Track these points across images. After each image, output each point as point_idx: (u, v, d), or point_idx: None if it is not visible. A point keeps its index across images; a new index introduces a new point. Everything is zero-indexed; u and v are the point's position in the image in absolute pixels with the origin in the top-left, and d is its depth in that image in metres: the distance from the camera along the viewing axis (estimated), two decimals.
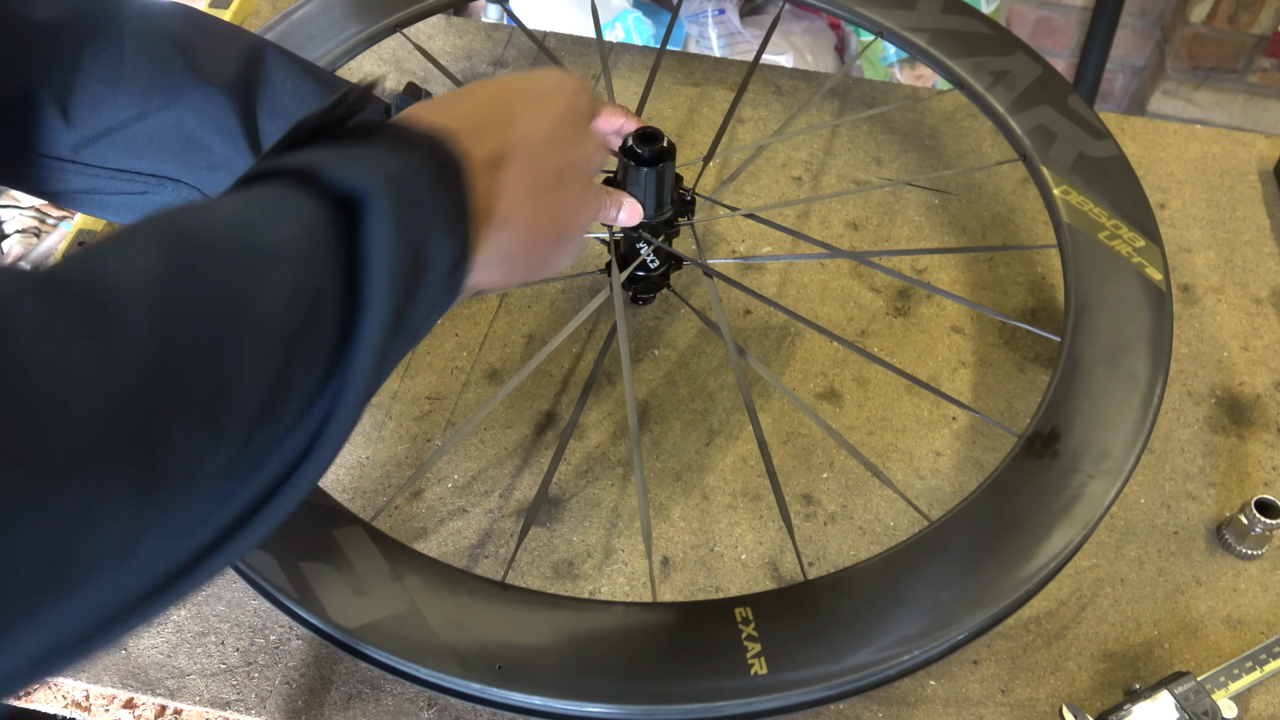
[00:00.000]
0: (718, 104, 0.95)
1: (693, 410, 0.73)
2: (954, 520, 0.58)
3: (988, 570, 0.56)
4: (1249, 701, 0.61)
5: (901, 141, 0.92)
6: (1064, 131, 0.76)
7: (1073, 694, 0.61)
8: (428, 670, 0.52)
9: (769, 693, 0.51)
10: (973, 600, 0.55)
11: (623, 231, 0.67)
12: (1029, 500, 0.58)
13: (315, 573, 0.54)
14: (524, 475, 0.69)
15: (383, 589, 0.54)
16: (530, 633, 0.54)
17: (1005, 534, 0.57)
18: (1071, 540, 0.57)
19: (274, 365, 0.30)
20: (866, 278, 0.81)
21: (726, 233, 0.85)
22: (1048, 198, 0.73)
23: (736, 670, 0.52)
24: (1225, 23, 1.56)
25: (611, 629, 0.54)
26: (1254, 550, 0.66)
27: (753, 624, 0.53)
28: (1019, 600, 0.56)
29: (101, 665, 0.60)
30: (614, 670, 0.52)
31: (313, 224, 0.33)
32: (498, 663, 0.52)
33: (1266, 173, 0.91)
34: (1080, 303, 0.67)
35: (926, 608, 0.54)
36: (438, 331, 0.77)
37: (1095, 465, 0.59)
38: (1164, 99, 1.68)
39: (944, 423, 0.73)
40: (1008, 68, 0.80)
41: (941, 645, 0.54)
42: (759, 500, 0.68)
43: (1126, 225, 0.71)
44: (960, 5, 0.84)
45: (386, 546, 0.56)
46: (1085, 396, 0.62)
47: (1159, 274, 0.68)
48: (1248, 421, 0.74)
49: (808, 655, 0.52)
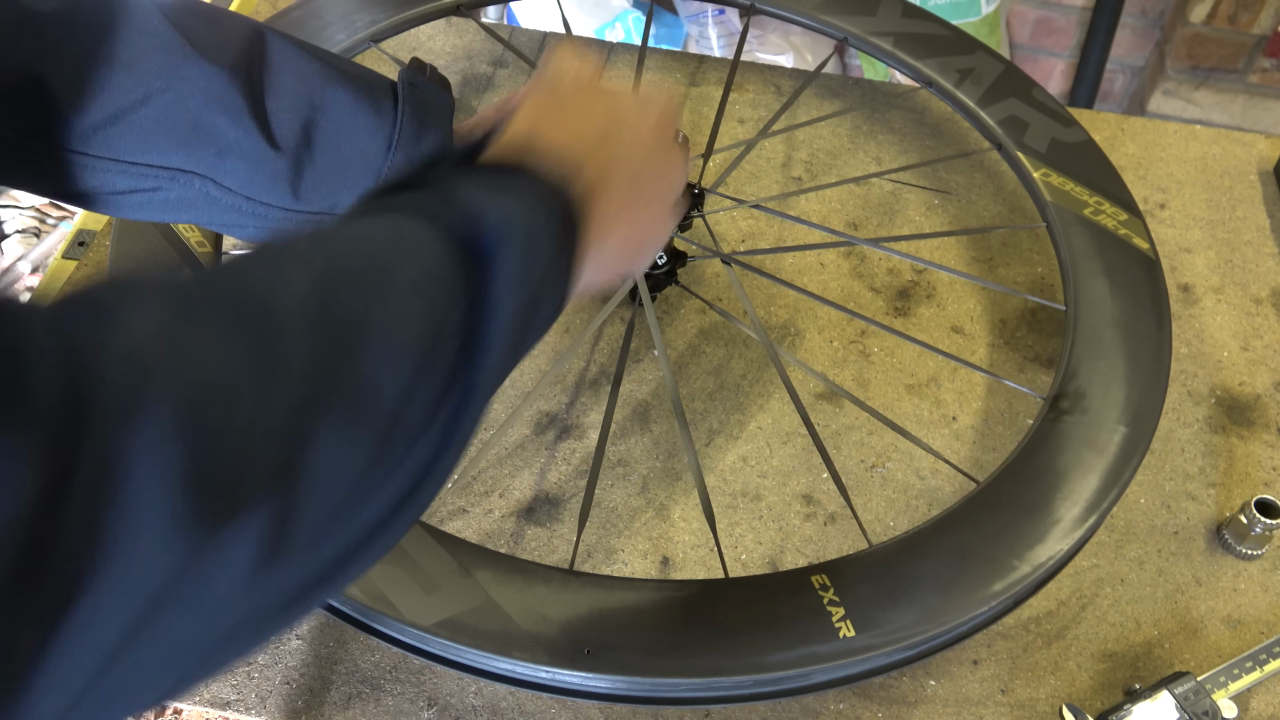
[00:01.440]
0: (718, 104, 0.95)
1: (693, 410, 0.73)
2: (1000, 479, 0.60)
3: (1041, 521, 0.58)
4: (1249, 701, 0.61)
5: (902, 141, 0.92)
6: (1034, 121, 0.78)
7: (1073, 694, 0.61)
8: (513, 661, 0.52)
9: (862, 653, 0.52)
10: (1032, 552, 0.57)
11: None
12: (1069, 453, 0.61)
13: (381, 575, 0.54)
14: (524, 475, 0.69)
15: (453, 585, 0.54)
16: (612, 616, 0.54)
17: (1053, 485, 0.59)
18: (1116, 487, 0.59)
19: (400, 391, 0.32)
20: (866, 278, 0.81)
21: (725, 232, 0.85)
22: (1028, 181, 0.76)
23: (826, 635, 0.53)
24: (1225, 23, 1.56)
25: (695, 605, 0.55)
26: (1254, 550, 0.66)
27: (831, 590, 0.55)
28: (1074, 548, 0.58)
29: None
30: (706, 645, 0.53)
31: (445, 266, 0.35)
32: (586, 647, 0.52)
33: (1266, 173, 0.90)
34: (1078, 274, 0.70)
35: (991, 560, 0.56)
36: None
37: (1123, 416, 0.62)
38: (1164, 99, 1.68)
39: (944, 423, 0.73)
40: (972, 65, 0.82)
41: (1013, 595, 0.56)
42: (759, 500, 0.68)
43: (1108, 202, 0.73)
44: (918, 10, 0.87)
45: (447, 542, 0.56)
46: (1101, 357, 0.65)
47: (1145, 244, 0.71)
48: (1248, 421, 0.74)
49: (891, 615, 0.54)
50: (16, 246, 1.68)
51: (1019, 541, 0.57)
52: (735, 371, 0.75)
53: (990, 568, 0.56)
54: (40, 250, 1.69)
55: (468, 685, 0.60)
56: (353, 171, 0.51)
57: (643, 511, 0.68)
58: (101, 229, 0.83)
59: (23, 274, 1.65)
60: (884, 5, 0.86)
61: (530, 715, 0.59)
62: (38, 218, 1.72)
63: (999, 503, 0.59)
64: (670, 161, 0.49)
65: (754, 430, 0.72)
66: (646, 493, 0.69)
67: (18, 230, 1.70)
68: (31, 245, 1.69)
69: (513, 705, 0.59)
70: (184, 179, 0.49)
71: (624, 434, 0.72)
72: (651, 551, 0.66)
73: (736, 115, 0.94)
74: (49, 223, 1.74)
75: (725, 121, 0.93)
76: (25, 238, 1.70)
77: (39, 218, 1.73)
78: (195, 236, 0.68)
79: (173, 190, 0.49)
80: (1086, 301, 0.68)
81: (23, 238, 1.70)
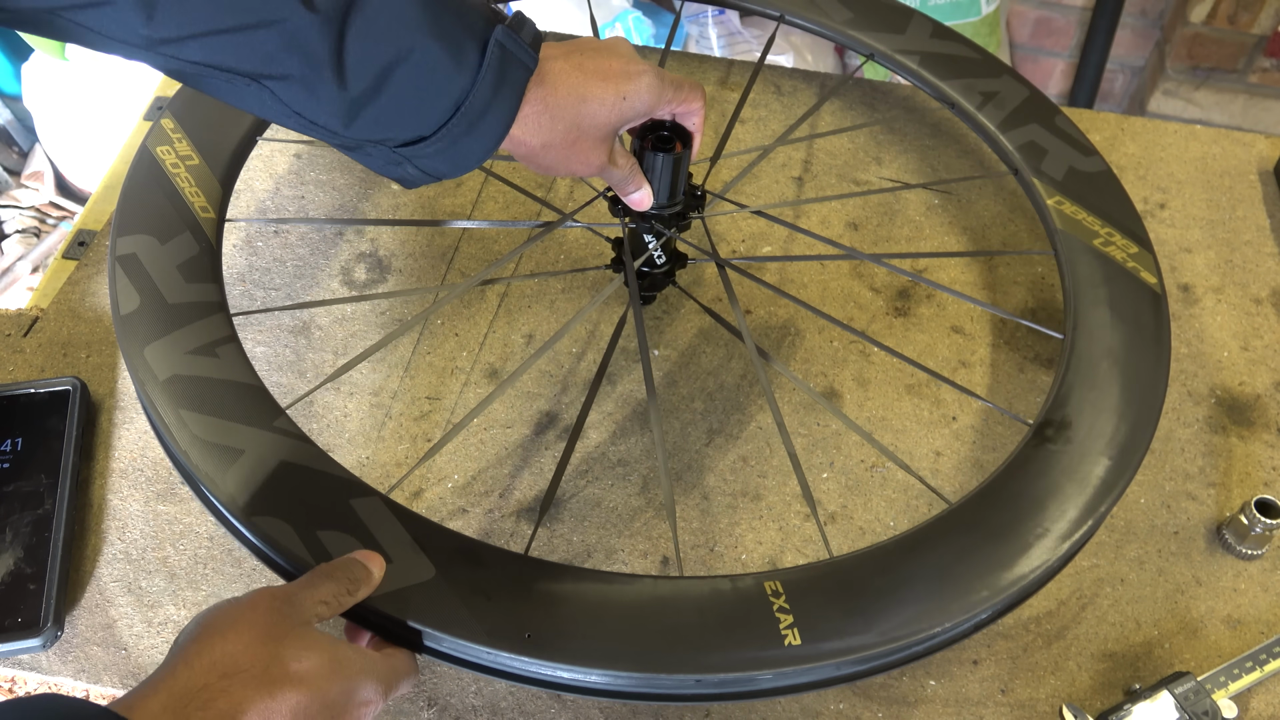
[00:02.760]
0: (718, 103, 0.95)
1: (692, 410, 0.73)
2: (974, 500, 0.59)
3: (1010, 547, 0.57)
4: (1249, 701, 0.61)
5: (902, 142, 0.92)
6: (1053, 148, 0.78)
7: (1073, 694, 0.61)
8: (453, 639, 0.51)
9: (804, 662, 0.52)
10: (997, 577, 0.55)
11: (634, 223, 0.68)
12: (1047, 480, 0.60)
13: (334, 541, 0.54)
14: (524, 475, 0.69)
15: (405, 558, 0.54)
16: (559, 603, 0.53)
17: (1027, 512, 0.58)
18: (1091, 518, 0.58)
19: None
20: (866, 278, 0.82)
21: (726, 233, 0.85)
22: (1041, 209, 0.75)
23: (771, 640, 0.52)
24: (1225, 23, 1.56)
25: (642, 600, 0.54)
26: (1254, 550, 0.66)
27: (783, 596, 0.54)
28: (1041, 578, 0.57)
29: (101, 665, 0.60)
30: (647, 639, 0.52)
31: None
32: (526, 631, 0.52)
33: (1266, 173, 0.91)
34: (1080, 304, 0.68)
35: (952, 584, 0.55)
36: (438, 331, 0.77)
37: (1108, 449, 0.61)
38: (1164, 99, 1.68)
39: (944, 423, 0.73)
40: (996, 89, 0.82)
41: (970, 620, 0.55)
42: (759, 500, 0.68)
43: (1119, 233, 0.72)
44: (948, 31, 0.86)
45: (405, 518, 0.56)
46: (1093, 388, 0.64)
47: (1154, 278, 0.70)
48: (1248, 421, 0.74)
49: (840, 626, 0.53)
50: (16, 246, 1.68)
51: (982, 571, 0.55)
52: (735, 371, 0.75)
53: (952, 588, 0.55)
54: (40, 250, 1.69)
55: (467, 685, 0.60)
56: (414, 117, 0.50)
57: (643, 511, 0.68)
58: (101, 229, 0.83)
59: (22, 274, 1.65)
60: (913, 24, 0.86)
61: (530, 715, 0.59)
62: (38, 218, 1.72)
63: (969, 524, 0.58)
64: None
65: (754, 430, 0.72)
66: (646, 493, 0.69)
67: (18, 230, 1.70)
68: (31, 245, 1.69)
69: (513, 705, 0.59)
70: (241, 80, 0.48)
71: (624, 434, 0.72)
72: (651, 551, 0.66)
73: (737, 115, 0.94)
74: (49, 223, 1.74)
75: (725, 119, 0.94)
76: (25, 238, 1.70)
77: (39, 218, 1.73)
78: (200, 201, 0.68)
79: (223, 82, 0.48)
80: (1085, 330, 0.67)
81: (23, 238, 1.70)
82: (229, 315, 0.63)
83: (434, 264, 0.81)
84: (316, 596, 0.48)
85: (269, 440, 0.57)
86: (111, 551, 0.65)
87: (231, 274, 0.80)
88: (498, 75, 0.50)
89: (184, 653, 0.43)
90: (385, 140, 0.51)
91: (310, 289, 0.79)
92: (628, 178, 0.61)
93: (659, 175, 0.62)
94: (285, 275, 0.80)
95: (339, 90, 0.48)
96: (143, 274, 0.64)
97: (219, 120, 0.74)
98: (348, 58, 0.47)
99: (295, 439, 0.58)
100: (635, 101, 0.56)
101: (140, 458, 0.69)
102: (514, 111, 0.52)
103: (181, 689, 0.42)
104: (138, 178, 0.70)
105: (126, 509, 0.67)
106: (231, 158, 0.72)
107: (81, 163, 1.70)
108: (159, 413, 0.58)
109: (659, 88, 0.58)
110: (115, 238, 0.66)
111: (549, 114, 0.53)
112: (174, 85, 0.96)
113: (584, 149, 0.56)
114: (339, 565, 0.51)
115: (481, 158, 0.53)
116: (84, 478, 0.68)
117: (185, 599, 0.63)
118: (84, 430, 0.69)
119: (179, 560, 0.64)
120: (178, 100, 0.75)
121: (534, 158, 0.56)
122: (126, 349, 0.61)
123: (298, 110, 0.49)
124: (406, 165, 0.53)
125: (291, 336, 0.76)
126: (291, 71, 0.47)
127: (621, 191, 0.63)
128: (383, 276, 0.80)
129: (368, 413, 0.72)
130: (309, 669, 0.44)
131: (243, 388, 0.60)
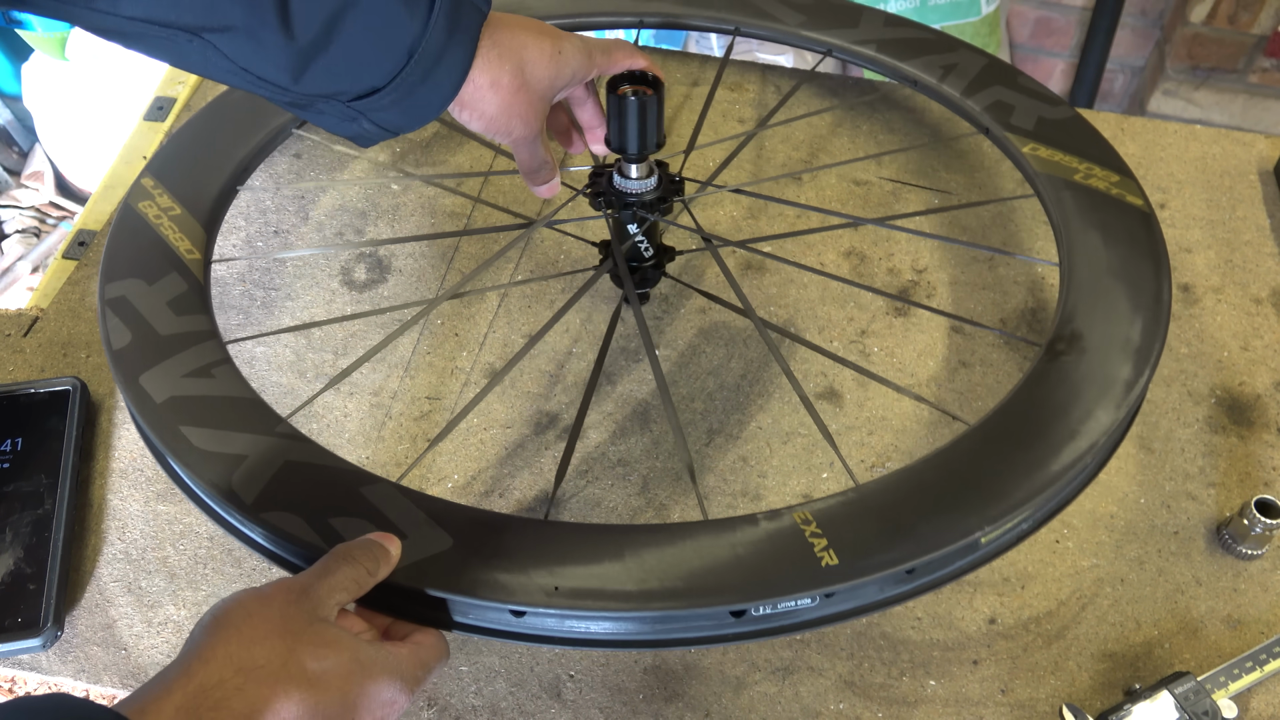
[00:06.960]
0: (718, 103, 0.95)
1: (692, 410, 0.73)
2: (995, 417, 0.58)
3: (1039, 450, 0.56)
4: (1249, 701, 0.61)
5: (901, 141, 0.92)
6: (1020, 104, 0.78)
7: (1073, 694, 0.61)
8: (478, 603, 0.50)
9: (844, 579, 0.51)
10: (1031, 479, 0.55)
11: (617, 214, 0.67)
12: (1067, 387, 0.59)
13: (347, 527, 0.53)
14: (523, 475, 0.69)
15: (420, 533, 0.53)
16: (584, 557, 0.52)
17: (1053, 417, 0.57)
18: (1116, 420, 0.57)
19: None
20: (867, 278, 0.82)
21: (724, 229, 0.85)
22: (1016, 159, 0.75)
23: (807, 563, 0.51)
24: (1225, 23, 1.56)
25: (674, 542, 0.53)
26: (1254, 550, 0.66)
27: (813, 523, 0.53)
28: (1075, 480, 0.56)
29: (101, 665, 0.60)
30: (682, 577, 0.51)
31: None
32: (555, 584, 0.50)
33: (1266, 173, 0.91)
34: (1071, 232, 0.68)
35: (987, 490, 0.54)
36: (437, 331, 0.77)
37: (1124, 350, 0.60)
38: (1164, 99, 1.68)
39: (944, 423, 0.73)
40: (955, 61, 0.82)
41: (1012, 526, 0.54)
42: (759, 500, 0.68)
43: (1099, 166, 0.72)
44: (900, 20, 0.87)
45: (416, 498, 0.55)
46: (1098, 302, 0.63)
47: (1139, 200, 0.70)
48: (1248, 421, 0.74)
49: (876, 543, 0.52)
50: (16, 246, 1.68)
51: (1016, 469, 0.55)
52: (735, 371, 0.75)
53: (988, 493, 0.54)
54: (40, 250, 1.69)
55: (467, 685, 0.60)
56: (367, 66, 0.49)
57: (643, 511, 0.68)
58: (101, 228, 0.83)
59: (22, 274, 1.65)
60: (865, 17, 0.87)
61: (530, 715, 0.59)
62: (38, 218, 1.72)
63: (994, 437, 0.57)
64: None
65: (754, 430, 0.72)
66: (647, 493, 0.69)
67: (18, 230, 1.70)
68: (31, 245, 1.69)
69: (513, 705, 0.59)
70: (183, 36, 0.46)
71: (624, 434, 0.72)
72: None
73: (737, 115, 0.94)
74: (49, 223, 1.74)
75: (726, 121, 0.94)
76: (25, 238, 1.70)
77: (39, 218, 1.73)
78: (185, 245, 0.67)
79: (163, 39, 0.47)
80: (1081, 254, 0.66)
81: (23, 238, 1.70)
82: (222, 342, 0.62)
83: (434, 264, 0.81)
84: (334, 584, 0.47)
85: (271, 444, 0.57)
86: (111, 551, 0.65)
87: (232, 273, 0.80)
88: (450, 19, 0.49)
89: (199, 648, 0.43)
90: (337, 94, 0.50)
91: (310, 289, 0.79)
92: (546, 163, 0.62)
93: (630, 119, 0.62)
94: (285, 275, 0.80)
95: (286, 40, 0.47)
96: (133, 312, 0.63)
97: (198, 172, 0.73)
98: (293, 4, 0.46)
99: (297, 440, 0.58)
100: (570, 58, 0.57)
101: (140, 458, 0.69)
102: (470, 57, 0.51)
103: (196, 687, 0.41)
104: (122, 231, 0.68)
105: (126, 509, 0.67)
106: (214, 204, 0.71)
107: (81, 163, 1.70)
108: (157, 431, 0.57)
109: (587, 48, 0.59)
110: (103, 284, 0.65)
111: (498, 52, 0.53)
112: (175, 84, 0.96)
113: (524, 101, 0.56)
114: (356, 545, 0.50)
115: (440, 108, 0.52)
116: (84, 478, 0.68)
117: (185, 599, 0.63)
118: (84, 430, 0.69)
119: (179, 560, 0.64)
120: (156, 160, 0.73)
121: (479, 101, 0.54)
122: (122, 379, 0.60)
123: (244, 65, 0.47)
124: (361, 120, 0.51)
125: (291, 337, 0.76)
126: (234, 22, 0.46)
127: (534, 179, 0.63)
128: (383, 276, 0.80)
129: (368, 413, 0.72)
130: (327, 669, 0.43)
131: (242, 401, 0.59)
